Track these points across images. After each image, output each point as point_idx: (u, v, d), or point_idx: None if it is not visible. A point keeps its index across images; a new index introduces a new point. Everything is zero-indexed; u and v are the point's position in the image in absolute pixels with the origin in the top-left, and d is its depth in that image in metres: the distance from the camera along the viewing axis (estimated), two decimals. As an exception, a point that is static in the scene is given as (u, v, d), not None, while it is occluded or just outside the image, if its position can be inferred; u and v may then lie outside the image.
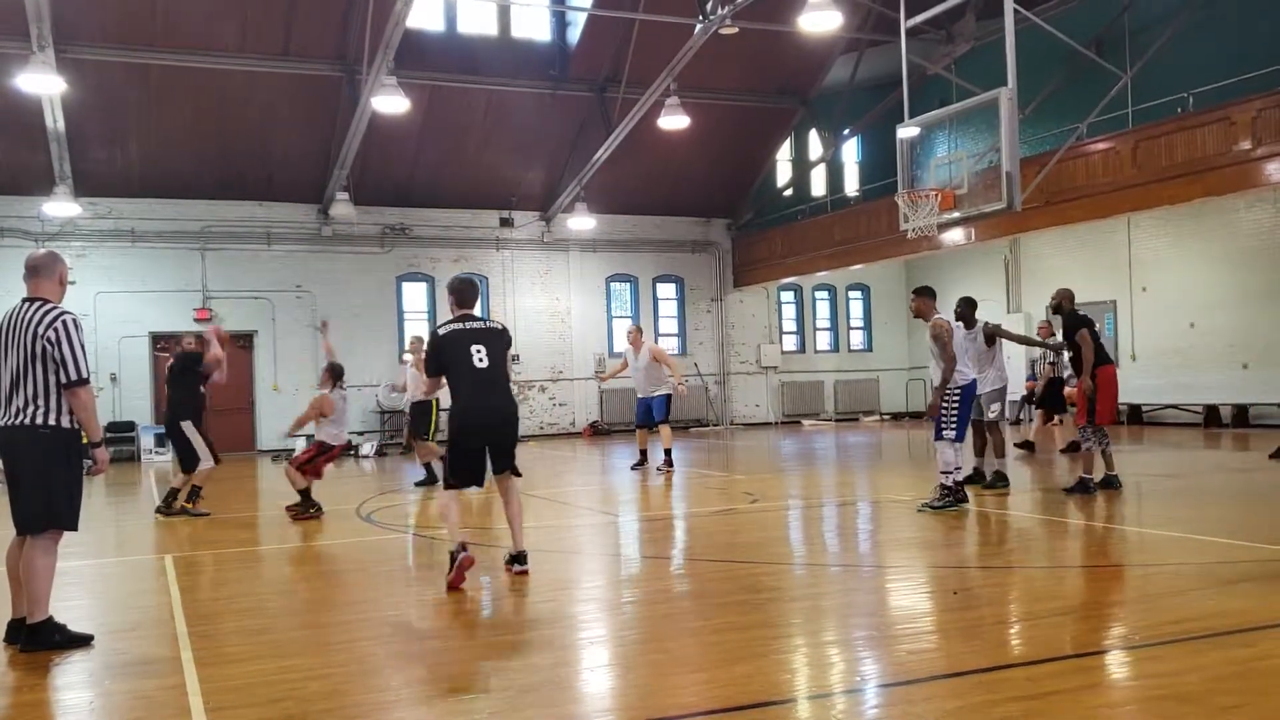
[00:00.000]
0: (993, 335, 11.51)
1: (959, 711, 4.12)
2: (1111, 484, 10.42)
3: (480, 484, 7.17)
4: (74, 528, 5.64)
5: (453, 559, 6.71)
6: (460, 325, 7.05)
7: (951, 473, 9.44)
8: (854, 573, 7.30)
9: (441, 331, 7.07)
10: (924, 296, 9.85)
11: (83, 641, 5.54)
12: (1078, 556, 7.52)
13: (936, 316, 9.67)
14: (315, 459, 11.01)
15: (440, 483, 7.77)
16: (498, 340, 7.08)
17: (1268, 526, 8.21)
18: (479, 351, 6.92)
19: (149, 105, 19.75)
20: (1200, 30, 18.10)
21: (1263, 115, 14.66)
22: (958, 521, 9.39)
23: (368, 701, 4.51)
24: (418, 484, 13.61)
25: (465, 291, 7.25)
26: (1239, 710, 4.04)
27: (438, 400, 12.93)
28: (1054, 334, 17.12)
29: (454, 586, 6.66)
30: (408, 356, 14.81)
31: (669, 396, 14.34)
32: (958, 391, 9.47)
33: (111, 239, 21.10)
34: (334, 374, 11.12)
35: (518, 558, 7.12)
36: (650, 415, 14.44)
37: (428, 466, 13.30)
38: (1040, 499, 10.25)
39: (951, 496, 9.41)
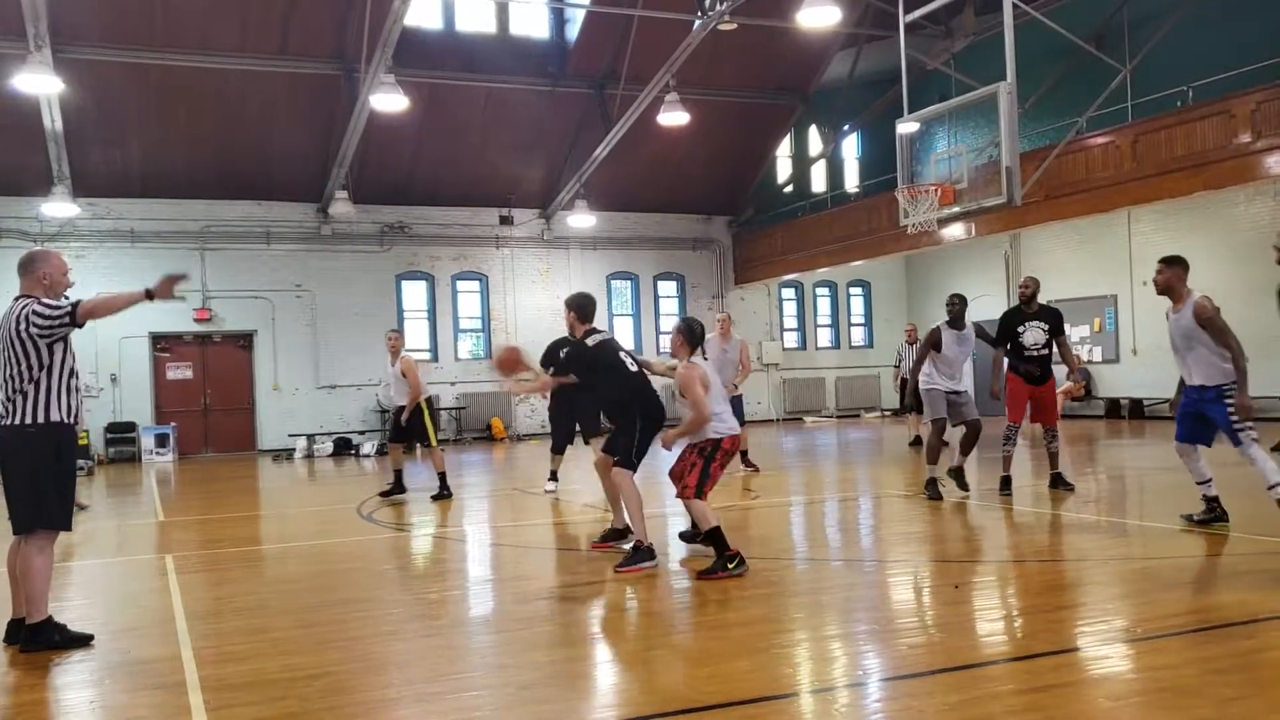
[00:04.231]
0: (980, 336, 10.53)
1: (961, 705, 4.11)
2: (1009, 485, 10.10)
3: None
4: (66, 528, 5.60)
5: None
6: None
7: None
8: (856, 567, 7.30)
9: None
10: (1175, 267, 7.73)
11: (83, 641, 5.53)
12: (1078, 550, 7.51)
13: (1198, 296, 7.60)
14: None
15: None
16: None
17: (1268, 519, 8.19)
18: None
19: (147, 105, 19.74)
20: (1199, 24, 18.07)
21: (1262, 108, 14.64)
22: (957, 517, 9.38)
23: (369, 699, 4.51)
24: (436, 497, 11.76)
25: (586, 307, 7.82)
26: (1240, 702, 4.03)
27: (429, 401, 12.13)
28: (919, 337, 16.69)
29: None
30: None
31: (740, 397, 12.66)
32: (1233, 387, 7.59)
33: (111, 239, 21.08)
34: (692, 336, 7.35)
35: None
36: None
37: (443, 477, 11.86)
38: (1038, 494, 10.22)
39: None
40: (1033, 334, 10.03)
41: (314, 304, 22.64)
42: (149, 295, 5.51)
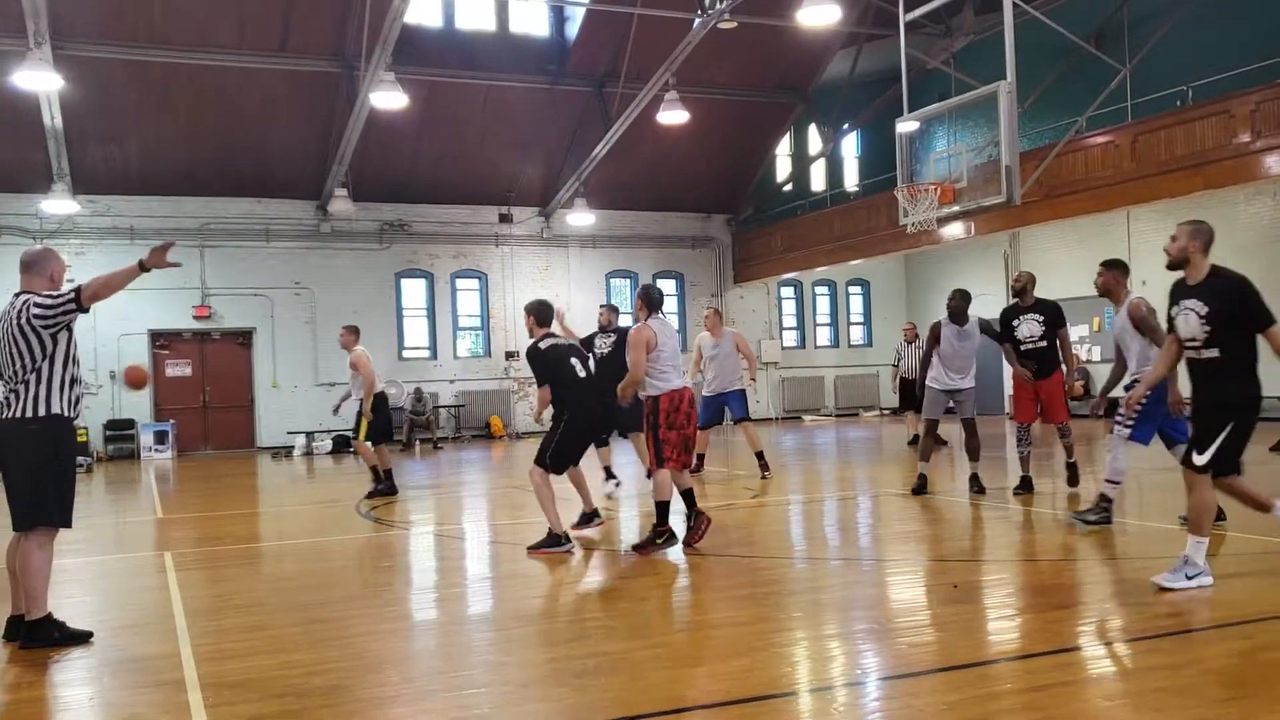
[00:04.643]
0: (984, 332, 10.45)
1: (959, 704, 4.12)
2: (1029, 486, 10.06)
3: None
4: (66, 524, 5.58)
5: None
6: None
7: (1118, 483, 8.11)
8: (854, 566, 7.30)
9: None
10: (1113, 270, 8.23)
11: (82, 638, 5.53)
12: (1076, 550, 7.51)
13: (1134, 296, 8.04)
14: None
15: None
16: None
17: (1266, 519, 8.18)
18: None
19: (147, 102, 19.73)
20: (1199, 23, 18.06)
21: (1261, 108, 14.63)
22: (957, 516, 9.39)
23: (367, 697, 4.51)
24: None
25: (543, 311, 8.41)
26: (1237, 702, 4.04)
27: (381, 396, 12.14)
28: (918, 335, 16.56)
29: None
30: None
31: (744, 391, 12.59)
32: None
33: (110, 237, 21.07)
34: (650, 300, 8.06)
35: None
36: (717, 415, 12.60)
37: (376, 471, 12.02)
38: (1039, 494, 10.22)
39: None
40: (1027, 327, 9.98)
41: (313, 301, 22.63)
42: (142, 267, 5.60)
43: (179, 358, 22.03)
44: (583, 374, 8.28)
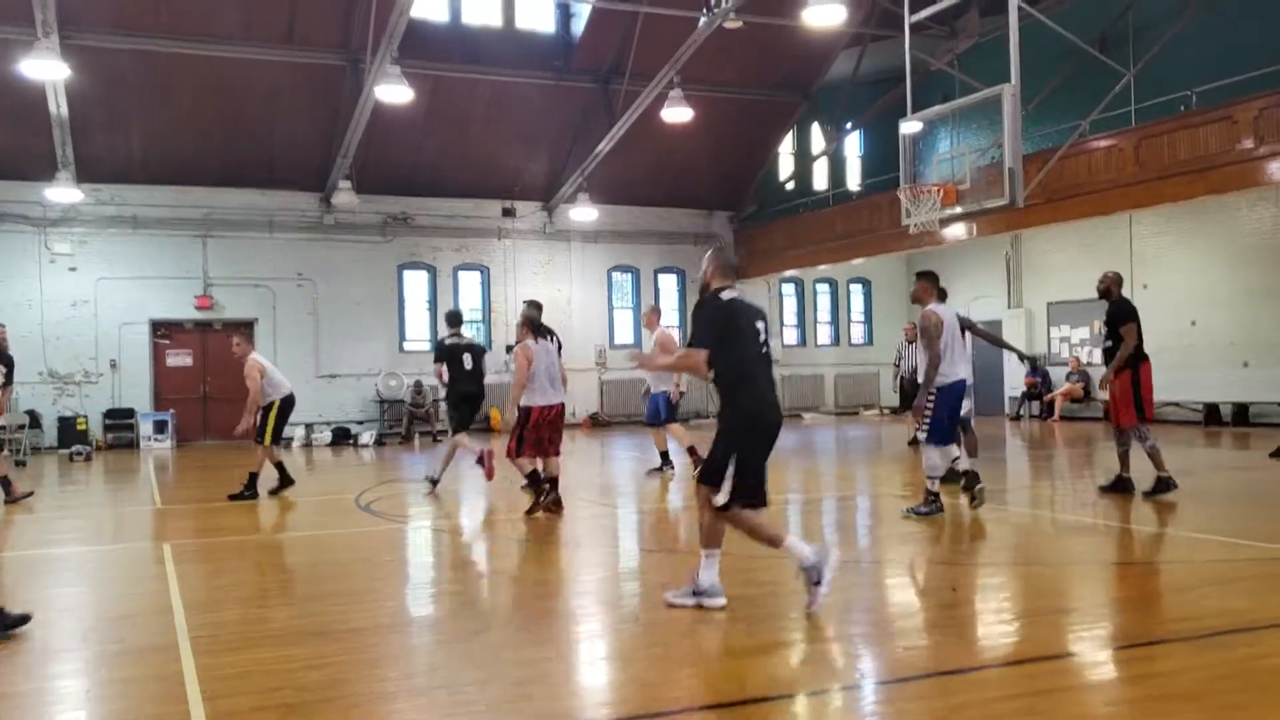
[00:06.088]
0: (964, 329, 10.35)
1: (956, 708, 4.12)
2: (1128, 486, 9.94)
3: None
4: None
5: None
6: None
7: (936, 477, 8.96)
8: (852, 568, 7.29)
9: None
10: (923, 280, 9.20)
11: (20, 621, 5.53)
12: (1077, 554, 7.52)
13: (928, 307, 9.00)
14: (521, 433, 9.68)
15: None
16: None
17: (1268, 525, 8.20)
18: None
19: (152, 92, 19.70)
20: (1203, 28, 18.04)
21: (1265, 114, 14.62)
22: (956, 517, 9.38)
23: (365, 692, 4.51)
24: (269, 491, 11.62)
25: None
26: (1239, 709, 4.04)
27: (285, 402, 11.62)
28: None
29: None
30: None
31: (666, 394, 12.50)
32: (934, 392, 8.84)
33: (113, 225, 21.07)
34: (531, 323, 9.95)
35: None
36: (657, 414, 12.67)
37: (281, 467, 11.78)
38: (1036, 497, 10.23)
39: (936, 503, 8.93)
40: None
41: (315, 293, 22.62)
42: None
43: (180, 348, 22.02)
44: (468, 367, 11.30)
